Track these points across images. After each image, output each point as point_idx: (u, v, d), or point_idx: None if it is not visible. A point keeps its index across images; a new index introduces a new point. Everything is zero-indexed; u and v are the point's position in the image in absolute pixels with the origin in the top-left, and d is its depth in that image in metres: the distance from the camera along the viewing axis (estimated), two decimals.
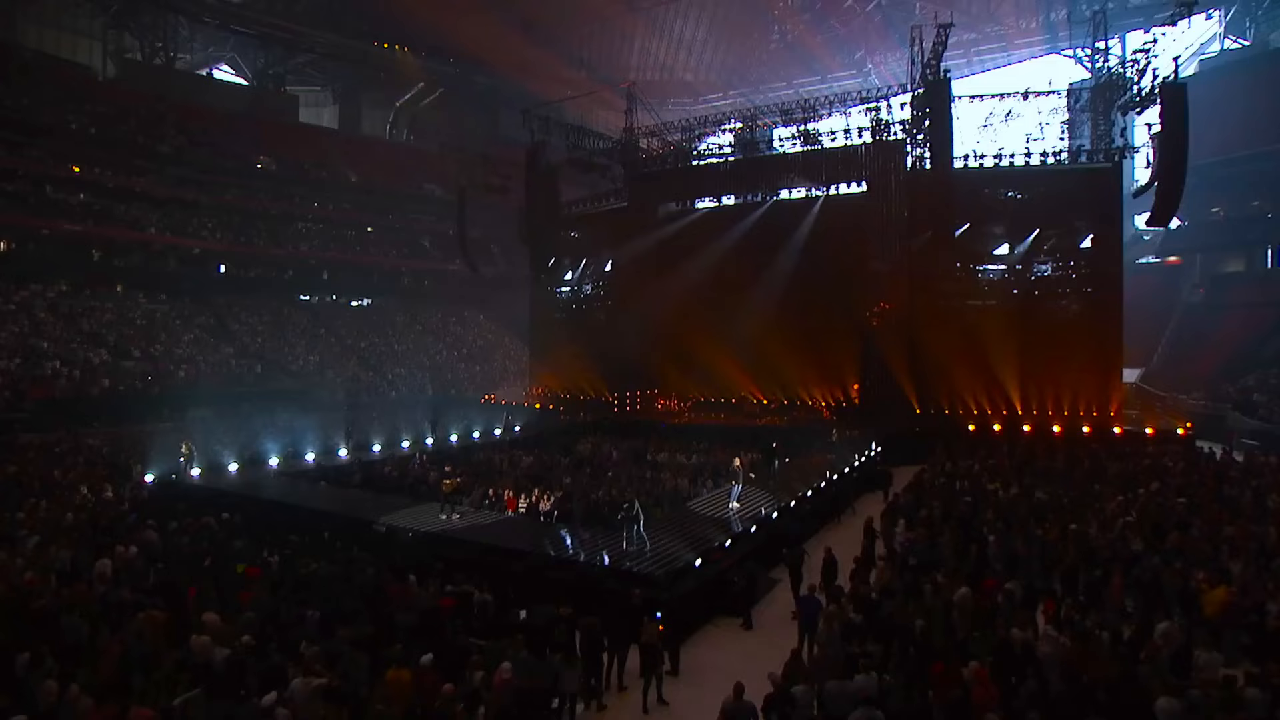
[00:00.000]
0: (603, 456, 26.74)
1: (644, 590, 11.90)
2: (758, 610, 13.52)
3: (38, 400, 30.71)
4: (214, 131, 51.85)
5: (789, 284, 37.22)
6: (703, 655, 11.88)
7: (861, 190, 34.43)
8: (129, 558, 13.33)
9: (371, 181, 59.10)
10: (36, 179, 42.83)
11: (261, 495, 18.83)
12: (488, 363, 54.74)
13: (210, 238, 48.29)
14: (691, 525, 16.21)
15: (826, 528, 19.23)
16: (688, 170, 38.18)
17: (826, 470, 22.19)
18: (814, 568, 13.90)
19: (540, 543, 14.65)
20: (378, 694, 8.71)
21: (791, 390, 36.84)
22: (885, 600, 11.18)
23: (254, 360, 41.96)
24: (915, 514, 16.61)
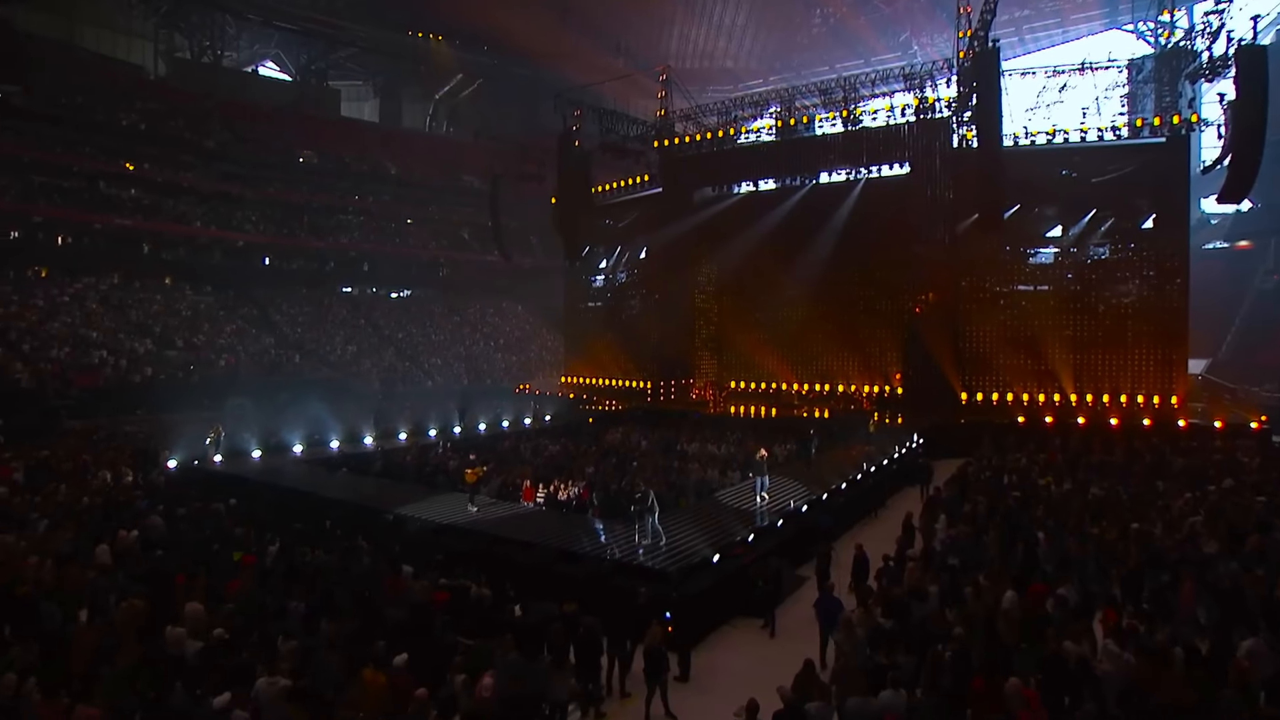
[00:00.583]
0: (631, 446, 25.86)
1: (652, 588, 10.87)
2: (782, 610, 12.38)
3: (83, 388, 31.15)
4: (258, 127, 52.45)
5: (828, 270, 35.75)
6: (717, 659, 10.83)
7: (904, 171, 32.68)
8: (129, 543, 12.87)
9: (411, 174, 59.16)
10: (90, 175, 43.74)
11: (277, 482, 18.40)
12: (524, 353, 54.33)
13: (254, 231, 48.79)
14: (715, 518, 15.14)
15: (861, 523, 17.93)
16: (724, 154, 36.84)
17: (863, 462, 20.82)
18: (844, 566, 12.74)
19: (550, 535, 13.73)
20: (349, 696, 7.92)
21: (830, 379, 35.35)
22: (919, 603, 9.95)
23: (293, 350, 42.17)
24: (958, 509, 15.25)
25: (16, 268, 39.61)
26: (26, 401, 29.29)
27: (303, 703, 7.53)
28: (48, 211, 40.79)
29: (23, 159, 41.30)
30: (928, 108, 31.31)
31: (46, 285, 39.19)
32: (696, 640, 11.05)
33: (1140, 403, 28.41)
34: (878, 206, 33.96)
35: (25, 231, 40.71)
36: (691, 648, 10.51)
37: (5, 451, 21.66)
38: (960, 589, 10.45)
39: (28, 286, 38.49)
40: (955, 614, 9.55)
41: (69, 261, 41.25)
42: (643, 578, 11.58)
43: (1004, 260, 32.10)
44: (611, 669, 9.73)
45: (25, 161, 41.40)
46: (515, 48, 57.06)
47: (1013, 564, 11.66)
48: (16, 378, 30.40)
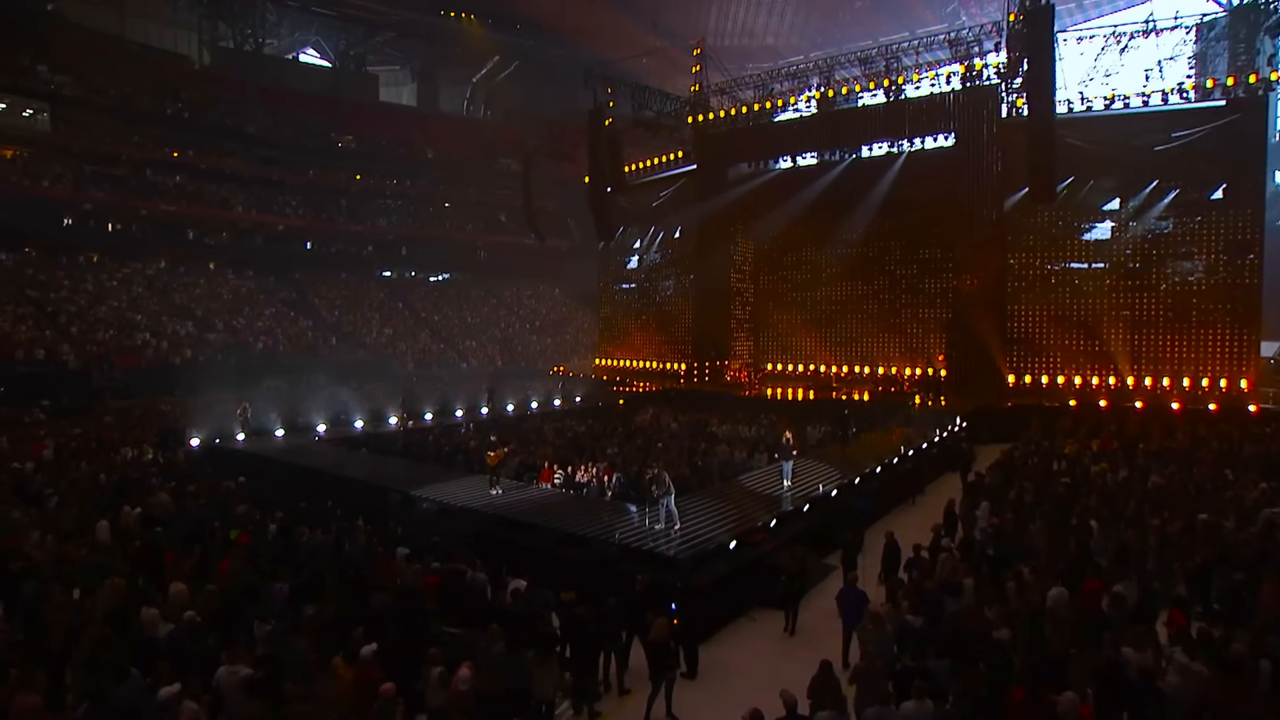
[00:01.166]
0: (660, 428, 25.02)
1: (658, 575, 9.99)
2: (806, 603, 11.34)
3: (125, 369, 31.59)
4: (298, 112, 52.75)
5: (868, 248, 34.34)
6: (729, 655, 9.91)
7: (949, 144, 30.80)
8: (131, 520, 12.52)
9: (448, 157, 58.89)
10: (138, 163, 44.44)
11: (292, 461, 18.02)
12: (559, 335, 53.84)
13: (293, 215, 49.08)
14: (737, 502, 14.17)
15: (896, 510, 16.73)
16: (760, 128, 35.36)
17: (901, 446, 19.56)
18: (876, 556, 11.67)
19: (557, 517, 12.92)
20: (315, 689, 7.25)
21: (870, 361, 33.91)
22: (952, 598, 8.85)
23: (330, 333, 42.33)
24: (1002, 495, 13.98)
25: (69, 253, 40.46)
26: (73, 382, 29.83)
27: (262, 694, 6.86)
28: (97, 199, 41.48)
29: (74, 148, 42.13)
30: (975, 75, 29.41)
31: (96, 270, 39.96)
32: (708, 634, 10.14)
33: (1206, 386, 26.36)
34: (921, 181, 32.25)
35: (77, 218, 41.51)
36: (701, 642, 9.59)
37: (40, 429, 21.84)
38: (1001, 583, 9.31)
39: (79, 271, 39.30)
40: (995, 612, 8.44)
41: (118, 247, 41.99)
42: (652, 564, 10.71)
43: (1055, 236, 30.15)
44: (609, 663, 8.89)
45: (77, 151, 42.24)
46: (551, 27, 56.08)
47: (1062, 557, 10.43)
48: (64, 359, 30.99)
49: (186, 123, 46.58)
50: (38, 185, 39.50)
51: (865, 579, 10.90)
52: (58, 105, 42.15)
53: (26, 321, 32.75)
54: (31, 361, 29.86)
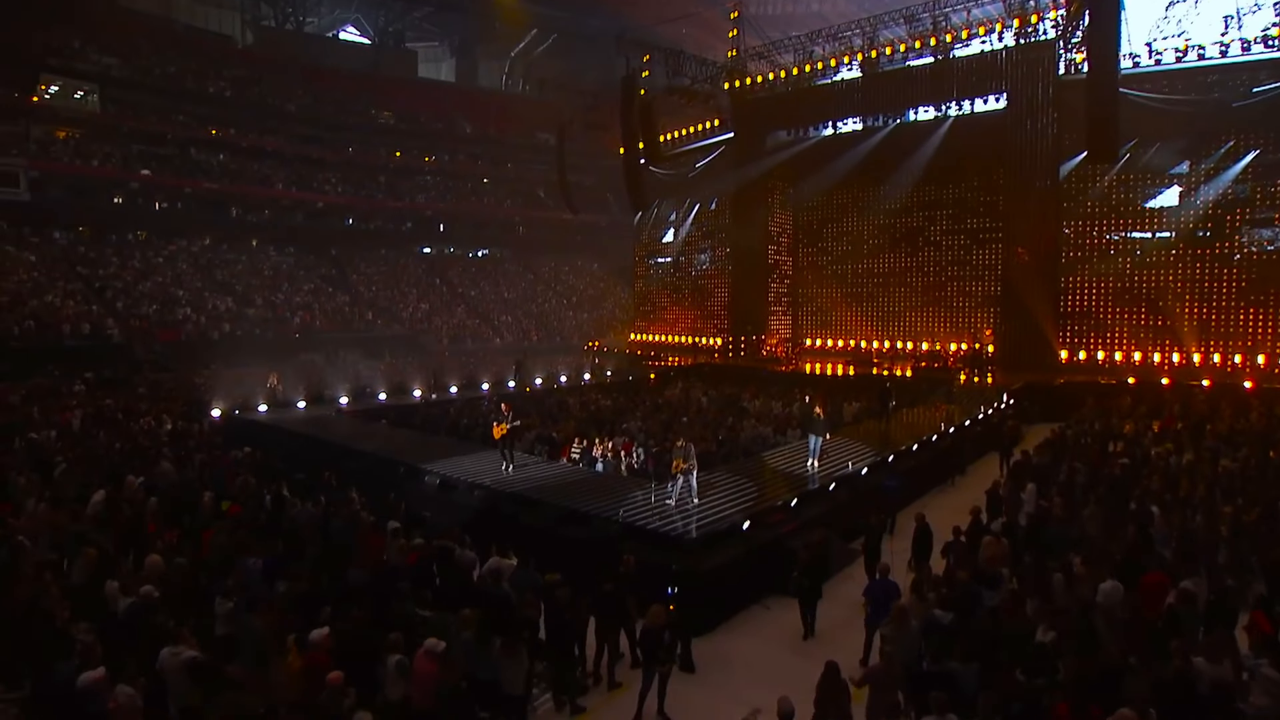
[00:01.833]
0: (690, 402, 24.04)
1: (662, 555, 9.06)
2: (828, 588, 10.30)
3: (165, 342, 31.94)
4: (338, 90, 52.68)
5: (913, 218, 32.60)
6: (736, 647, 8.94)
7: (1000, 106, 28.70)
8: (132, 488, 12.12)
9: (486, 133, 58.32)
10: (182, 142, 44.83)
11: (305, 431, 17.53)
12: (596, 310, 53.09)
13: (333, 192, 49.12)
14: (759, 479, 13.10)
15: (934, 491, 15.46)
16: (800, 94, 33.61)
17: (941, 423, 18.18)
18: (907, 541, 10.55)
19: (562, 493, 12.05)
20: (265, 674, 6.57)
21: (914, 336, 32.25)
22: (989, 591, 7.71)
23: (366, 307, 42.31)
24: (1050, 476, 12.62)
25: (119, 231, 41.22)
26: (115, 355, 30.24)
27: (201, 679, 6.18)
28: (144, 178, 42.00)
29: (122, 128, 42.68)
30: (1030, 31, 27.27)
31: (144, 247, 40.59)
32: (715, 623, 9.20)
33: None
34: (969, 146, 30.29)
35: (126, 197, 42.12)
36: (706, 632, 8.67)
37: (75, 400, 21.98)
38: (1047, 574, 8.11)
39: (127, 249, 39.97)
40: (1037, 608, 7.28)
41: (165, 225, 42.55)
42: (657, 544, 9.79)
43: (1116, 203, 27.87)
44: (601, 653, 8.02)
45: (125, 131, 42.76)
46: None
47: (1118, 546, 9.14)
48: (109, 333, 31.44)
49: (229, 102, 46.81)
50: (88, 165, 40.14)
51: (894, 568, 9.81)
52: (106, 86, 42.62)
53: (75, 297, 33.34)
54: (78, 335, 30.36)
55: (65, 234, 39.02)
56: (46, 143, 39.74)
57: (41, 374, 26.41)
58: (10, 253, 35.42)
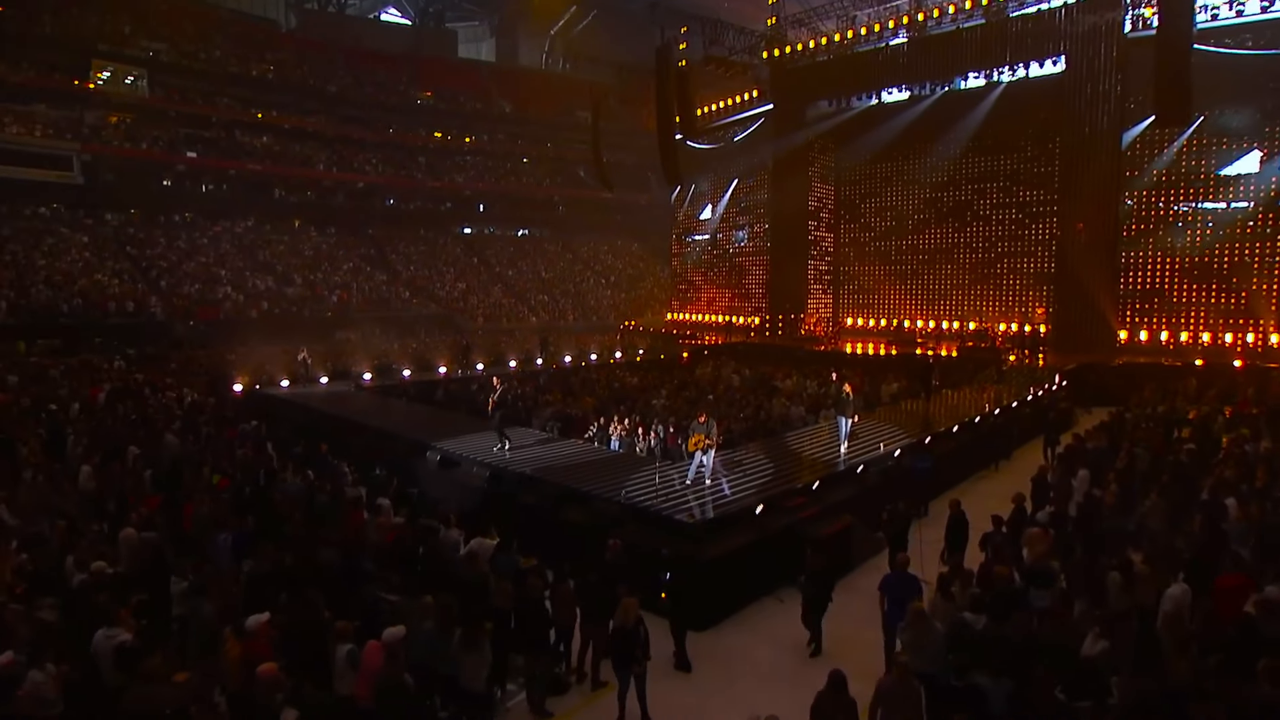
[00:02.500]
0: (721, 380, 23.05)
1: (655, 541, 8.16)
2: (850, 583, 9.32)
3: (205, 321, 32.23)
4: (379, 71, 52.55)
5: (961, 191, 30.80)
6: (740, 643, 8.02)
7: (1058, 70, 26.60)
8: (131, 459, 11.78)
9: (525, 112, 57.60)
10: (227, 125, 45.21)
11: (318, 406, 17.09)
12: (634, 290, 52.16)
13: (373, 172, 49.11)
14: (782, 460, 12.06)
15: (975, 476, 14.19)
16: (842, 61, 31.87)
17: (986, 405, 16.81)
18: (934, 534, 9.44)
19: (568, 473, 11.23)
20: (204, 662, 5.92)
21: (960, 315, 30.55)
22: (1041, 591, 6.60)
23: (404, 287, 42.20)
24: (1106, 461, 11.28)
25: (167, 213, 41.79)
26: (157, 332, 30.59)
27: (126, 666, 5.55)
28: (190, 160, 42.48)
29: (170, 112, 43.19)
30: None
31: (190, 228, 41.08)
32: (720, 616, 8.30)
33: None
34: (1023, 114, 28.47)
35: (174, 179, 42.69)
36: (704, 626, 7.76)
37: (107, 375, 22.12)
38: (1100, 573, 6.96)
39: (174, 230, 40.50)
40: (1087, 613, 6.16)
41: (210, 206, 42.98)
42: (660, 528, 8.91)
43: (1186, 172, 25.72)
44: (585, 648, 7.19)
45: (172, 114, 43.28)
46: None
47: (1186, 542, 7.88)
48: (152, 311, 31.86)
49: (272, 84, 47.02)
50: (137, 148, 40.73)
51: (925, 560, 8.75)
52: (155, 71, 43.14)
53: (122, 276, 33.88)
54: (122, 313, 30.82)
55: (116, 216, 39.71)
56: (99, 127, 40.43)
57: (90, 349, 26.91)
58: (65, 234, 36.20)
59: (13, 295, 29.46)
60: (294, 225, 45.49)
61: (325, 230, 45.64)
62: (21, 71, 38.77)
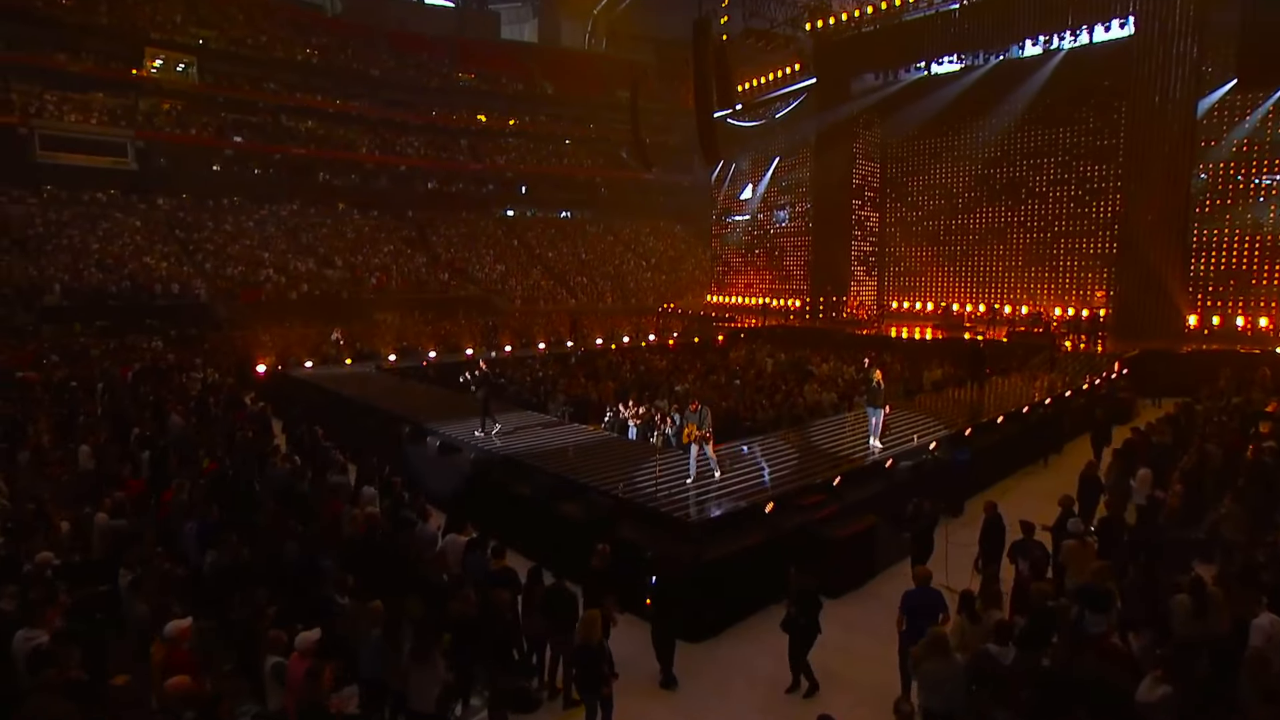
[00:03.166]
0: (755, 365, 22.03)
1: (653, 541, 7.30)
2: (872, 590, 8.35)
3: (246, 302, 32.48)
4: (422, 54, 52.40)
5: (1016, 167, 28.86)
6: (739, 657, 7.12)
7: (1124, 34, 24.42)
8: (132, 440, 11.48)
9: (568, 93, 56.80)
10: (274, 110, 45.63)
11: (331, 388, 16.61)
12: (675, 272, 51.09)
13: (415, 155, 49.03)
14: (805, 452, 11.05)
15: (1019, 473, 12.90)
16: (889, 31, 30.02)
17: (1036, 393, 15.40)
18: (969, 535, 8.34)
19: (565, 463, 10.42)
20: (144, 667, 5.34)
21: (1013, 298, 28.70)
22: (1093, 614, 5.52)
23: (443, 269, 42.02)
24: (1172, 460, 9.94)
25: (215, 196, 42.41)
26: (200, 313, 30.95)
27: (36, 670, 4.97)
28: (237, 145, 43.00)
29: (218, 98, 43.76)
30: None
31: (237, 212, 41.62)
32: (719, 625, 7.41)
33: None
34: (1084, 82, 26.42)
35: (223, 164, 43.31)
36: (701, 637, 6.90)
37: (143, 354, 22.29)
38: (1162, 595, 5.83)
39: (222, 213, 41.08)
40: (1147, 647, 5.08)
41: (257, 190, 43.48)
42: (656, 527, 8.04)
43: (1272, 140, 23.35)
44: (557, 663, 6.40)
45: (220, 100, 43.86)
46: None
47: (1270, 558, 6.64)
48: (196, 293, 32.26)
49: (316, 69, 47.22)
50: (187, 134, 41.38)
51: (955, 568, 7.71)
52: (203, 58, 43.68)
53: (170, 259, 34.43)
54: (168, 295, 31.26)
55: (168, 200, 40.45)
56: (152, 114, 41.18)
57: (140, 330, 27.37)
58: (119, 218, 37.00)
59: (66, 278, 30.14)
60: (337, 208, 45.74)
61: (368, 213, 45.80)
62: (81, 61, 39.70)
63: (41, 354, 21.23)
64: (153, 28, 42.42)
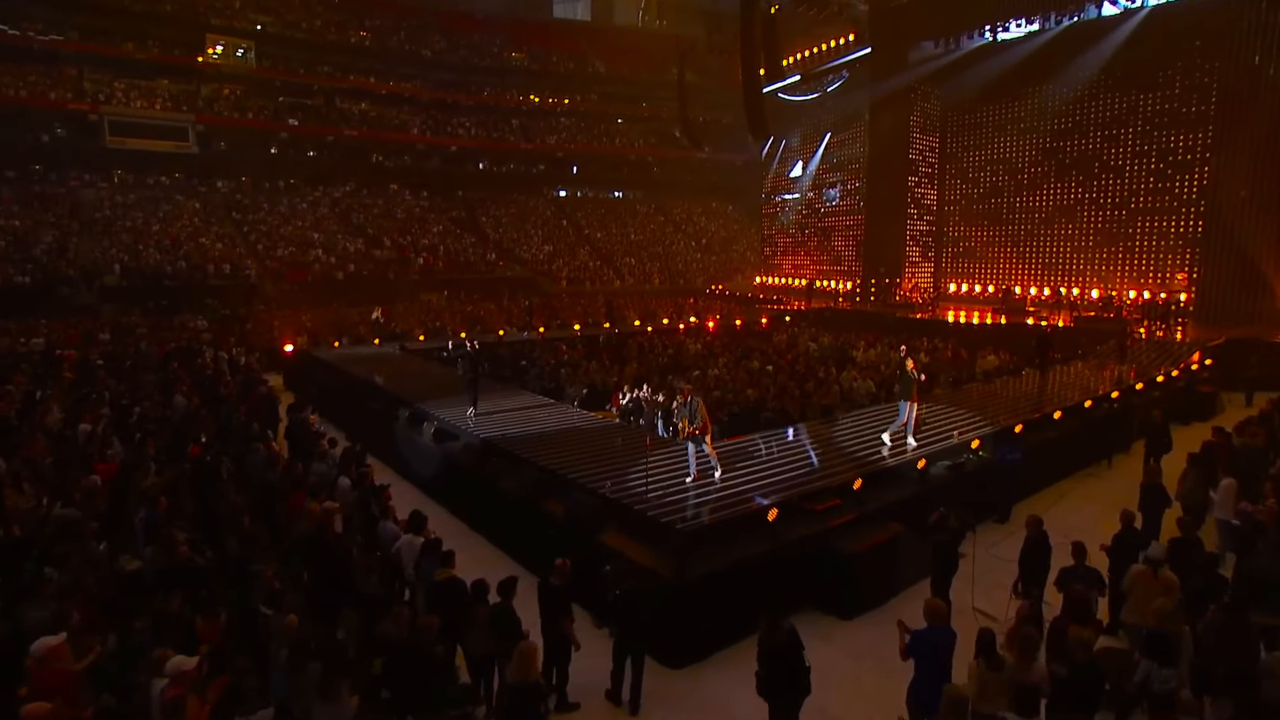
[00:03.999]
0: (796, 349, 20.76)
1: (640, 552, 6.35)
2: (897, 606, 7.23)
3: (294, 282, 32.75)
4: (474, 34, 51.92)
5: (1088, 140, 26.41)
6: (722, 690, 6.08)
7: None
8: (140, 415, 11.18)
9: (620, 72, 55.54)
10: (328, 92, 45.92)
11: (346, 369, 16.10)
12: (726, 253, 49.61)
13: (466, 136, 48.74)
14: (830, 448, 9.85)
15: (1078, 474, 11.40)
16: None
17: (1101, 385, 13.73)
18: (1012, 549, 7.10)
19: (555, 454, 9.49)
20: None
21: (1082, 281, 26.42)
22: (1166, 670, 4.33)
23: (491, 249, 41.66)
24: (1259, 467, 8.39)
25: (272, 179, 43.09)
26: (249, 293, 31.35)
27: None
28: (292, 128, 43.44)
29: (274, 82, 44.25)
30: None
31: (291, 193, 42.21)
32: (704, 650, 6.42)
33: None
34: (1171, 42, 23.79)
35: (279, 146, 43.88)
36: (681, 663, 5.93)
37: (182, 333, 22.48)
38: (1251, 643, 4.56)
39: (277, 195, 41.73)
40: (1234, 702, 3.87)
41: (312, 172, 43.99)
42: (640, 533, 7.08)
43: None
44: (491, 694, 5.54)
45: (276, 84, 44.34)
46: None
47: None
48: (246, 273, 32.69)
49: (369, 51, 47.29)
50: (245, 118, 42.01)
51: (990, 589, 6.51)
52: (260, 43, 44.18)
53: (224, 240, 35.00)
54: (220, 275, 31.73)
55: (227, 183, 41.28)
56: (212, 99, 41.94)
57: (200, 309, 27.89)
58: (179, 201, 37.87)
59: (126, 259, 30.90)
60: (389, 189, 45.94)
61: (419, 194, 45.88)
62: (147, 50, 40.66)
63: (90, 332, 21.58)
64: (213, 14, 43.07)
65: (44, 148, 37.06)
